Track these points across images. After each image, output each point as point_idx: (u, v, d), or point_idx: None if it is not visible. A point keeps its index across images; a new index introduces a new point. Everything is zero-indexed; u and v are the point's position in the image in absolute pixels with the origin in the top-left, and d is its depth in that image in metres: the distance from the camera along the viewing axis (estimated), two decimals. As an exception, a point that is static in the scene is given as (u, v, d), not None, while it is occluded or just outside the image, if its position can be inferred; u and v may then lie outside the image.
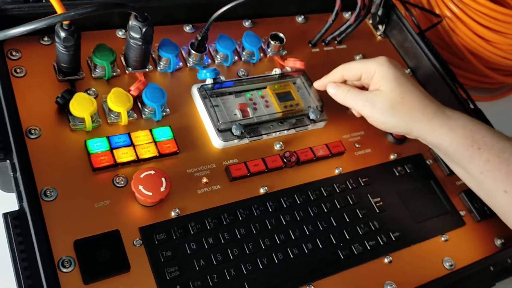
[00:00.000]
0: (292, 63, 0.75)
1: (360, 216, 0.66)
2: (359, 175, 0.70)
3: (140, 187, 0.56)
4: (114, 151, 0.60)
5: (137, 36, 0.62)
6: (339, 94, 0.67)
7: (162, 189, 0.57)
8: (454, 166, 0.66)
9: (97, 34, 0.69)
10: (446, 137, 0.62)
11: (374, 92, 0.64)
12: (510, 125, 1.10)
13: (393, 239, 0.66)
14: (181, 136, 0.65)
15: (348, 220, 0.65)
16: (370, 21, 0.91)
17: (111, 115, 0.63)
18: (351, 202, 0.67)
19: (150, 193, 0.56)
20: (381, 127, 0.65)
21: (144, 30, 0.61)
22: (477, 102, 0.86)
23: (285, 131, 0.70)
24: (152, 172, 0.58)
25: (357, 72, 0.65)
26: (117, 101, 0.62)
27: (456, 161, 0.63)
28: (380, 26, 0.90)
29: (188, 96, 0.69)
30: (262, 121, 0.69)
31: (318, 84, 0.70)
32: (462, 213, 0.72)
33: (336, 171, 0.70)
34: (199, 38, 0.70)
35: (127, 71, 0.68)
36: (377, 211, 0.67)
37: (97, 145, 0.60)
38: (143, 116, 0.65)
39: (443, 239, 0.69)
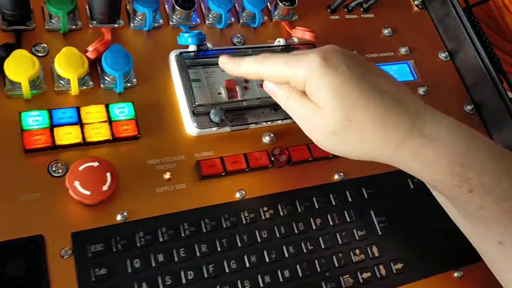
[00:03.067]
0: (301, 34, 0.60)
1: (357, 238, 0.53)
2: (364, 184, 0.57)
3: (76, 183, 0.44)
4: (55, 129, 0.48)
5: (99, -18, 0.48)
6: (279, 97, 0.47)
7: (105, 187, 0.45)
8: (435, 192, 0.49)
9: (56, -25, 0.55)
10: (421, 172, 0.43)
11: (313, 107, 0.43)
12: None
13: (394, 272, 0.53)
14: (145, 116, 0.52)
15: (341, 242, 0.53)
16: (409, -14, 0.75)
17: (61, 81, 0.50)
18: (349, 219, 0.54)
19: (88, 192, 0.44)
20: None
21: (107, -25, 0.47)
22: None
23: (279, 121, 0.56)
24: (96, 163, 0.45)
25: (281, 79, 0.45)
26: (67, 65, 0.49)
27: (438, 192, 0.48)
28: (419, -6, 0.74)
29: (164, 64, 0.56)
30: (252, 106, 0.55)
31: (227, 71, 0.49)
32: (484, 243, 0.59)
33: (336, 177, 0.56)
34: (185, -9, 0.56)
35: (90, 25, 0.54)
36: (380, 233, 0.55)
37: (34, 120, 0.47)
38: (102, 85, 0.52)
39: (456, 275, 0.56)
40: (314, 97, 0.43)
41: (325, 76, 0.41)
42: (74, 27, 0.54)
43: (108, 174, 0.45)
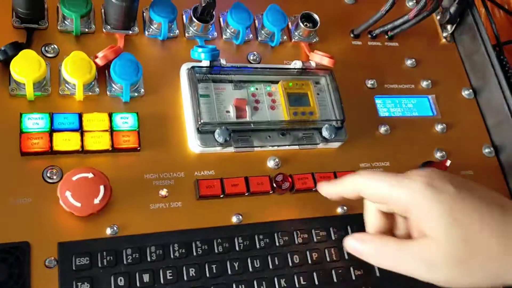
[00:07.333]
0: (319, 58, 0.58)
1: (353, 277, 0.51)
2: (367, 220, 0.54)
3: (68, 194, 0.43)
4: (54, 134, 0.47)
5: (115, -11, 0.47)
6: (368, 254, 0.43)
7: (97, 201, 0.44)
8: None
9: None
10: None
11: (422, 242, 0.39)
12: None
13: (388, 316, 0.51)
14: (149, 128, 0.51)
15: (335, 280, 0.50)
16: (438, 17, 0.72)
17: (67, 84, 0.50)
18: (346, 257, 0.52)
19: (79, 204, 0.43)
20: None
21: (123, -17, 0.46)
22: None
23: (286, 146, 0.54)
24: (90, 175, 0.44)
25: (379, 199, 0.43)
26: (74, 69, 0.48)
27: None
28: (448, 26, 0.71)
29: (175, 76, 0.55)
30: (260, 129, 0.53)
31: (325, 192, 0.47)
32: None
33: (339, 210, 0.54)
34: (203, 4, 0.54)
35: (104, 30, 0.54)
36: (377, 274, 0.52)
37: (34, 123, 0.47)
38: (108, 92, 0.51)
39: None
40: (421, 223, 0.40)
41: (433, 198, 0.39)
42: (87, 30, 0.53)
43: (101, 187, 0.44)
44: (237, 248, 0.49)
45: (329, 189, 0.47)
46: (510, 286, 0.39)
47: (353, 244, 0.44)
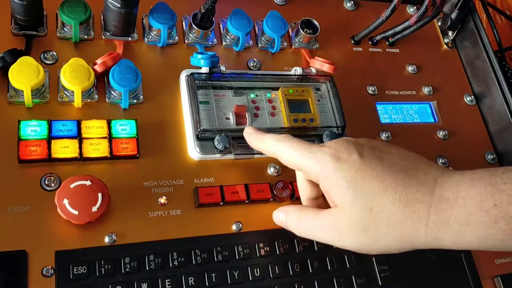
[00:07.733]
0: (319, 65, 0.58)
1: (355, 286, 0.50)
2: (369, 228, 0.53)
3: (65, 202, 0.43)
4: (53, 141, 0.46)
5: (113, -4, 0.47)
6: (291, 225, 0.45)
7: (95, 209, 0.43)
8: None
9: (75, -18, 0.54)
10: (463, 237, 0.38)
11: (332, 212, 0.41)
12: None
13: (391, 326, 0.50)
14: (148, 135, 0.50)
15: (337, 289, 0.50)
16: (439, 23, 0.72)
17: (66, 91, 0.49)
18: (348, 265, 0.51)
19: (76, 212, 0.43)
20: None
21: (122, -10, 0.46)
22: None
23: (286, 153, 0.54)
24: (88, 182, 0.44)
25: (294, 167, 0.45)
26: (72, 76, 0.48)
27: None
28: (450, 32, 0.71)
29: (174, 83, 0.54)
30: (259, 135, 0.53)
31: (247, 140, 0.49)
32: (492, 304, 0.55)
33: (340, 218, 0.54)
34: (203, 10, 0.54)
35: (103, 36, 0.53)
36: (380, 283, 0.51)
37: (32, 130, 0.46)
38: (107, 99, 0.51)
39: (457, 336, 0.52)
40: (330, 194, 0.41)
41: (337, 169, 0.40)
42: (86, 37, 0.53)
43: (99, 195, 0.43)
44: (237, 257, 0.48)
45: (252, 141, 0.48)
46: (420, 249, 0.40)
47: (279, 216, 0.46)
